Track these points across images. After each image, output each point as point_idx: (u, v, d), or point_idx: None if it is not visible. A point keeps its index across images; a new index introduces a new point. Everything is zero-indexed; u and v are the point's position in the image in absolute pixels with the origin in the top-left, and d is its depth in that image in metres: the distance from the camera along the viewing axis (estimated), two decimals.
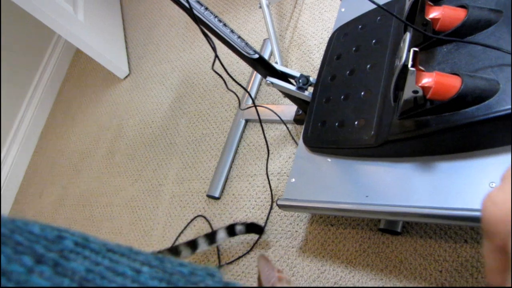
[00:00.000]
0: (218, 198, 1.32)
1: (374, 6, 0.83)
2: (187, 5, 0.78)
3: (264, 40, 1.51)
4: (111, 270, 0.18)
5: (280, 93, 1.14)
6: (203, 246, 1.15)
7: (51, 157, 2.14)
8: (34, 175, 2.17)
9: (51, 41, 2.45)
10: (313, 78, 1.04)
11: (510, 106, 0.63)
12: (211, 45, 0.85)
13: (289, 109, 1.24)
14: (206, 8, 0.92)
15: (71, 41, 1.83)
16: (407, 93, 0.69)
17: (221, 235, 1.16)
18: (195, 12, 0.81)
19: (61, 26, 1.75)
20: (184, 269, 0.19)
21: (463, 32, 0.74)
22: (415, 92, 0.69)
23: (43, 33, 2.37)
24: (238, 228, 1.16)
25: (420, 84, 0.68)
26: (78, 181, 1.88)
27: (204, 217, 1.32)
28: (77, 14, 1.87)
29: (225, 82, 1.03)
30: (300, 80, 1.02)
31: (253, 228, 1.17)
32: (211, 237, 1.16)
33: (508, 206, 0.20)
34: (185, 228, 1.35)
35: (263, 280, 0.78)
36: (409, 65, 0.65)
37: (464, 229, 0.89)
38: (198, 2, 0.91)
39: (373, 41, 0.94)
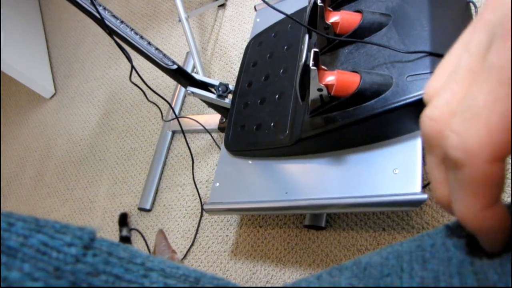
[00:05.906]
0: (149, 210, 1.32)
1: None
2: (98, 15, 0.80)
3: (187, 53, 1.54)
4: None
5: (205, 103, 1.17)
6: None
7: None
8: None
9: None
10: (232, 85, 1.08)
11: (403, 98, 0.69)
12: (125, 55, 0.87)
13: (213, 118, 1.27)
14: (122, 22, 0.94)
15: None
16: (313, 92, 0.74)
17: None
18: (107, 22, 0.82)
19: None
20: (57, 225, 0.22)
21: (360, 34, 0.80)
22: (320, 90, 0.74)
23: None
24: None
25: (323, 82, 0.73)
26: (5, 207, 1.80)
27: (137, 230, 1.31)
28: None
29: (144, 94, 1.04)
30: (220, 88, 1.05)
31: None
32: None
33: (444, 117, 0.23)
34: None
35: (157, 253, 0.83)
36: (311, 65, 0.70)
37: (381, 218, 0.95)
38: (114, 16, 0.92)
39: (285, 47, 1.00)
